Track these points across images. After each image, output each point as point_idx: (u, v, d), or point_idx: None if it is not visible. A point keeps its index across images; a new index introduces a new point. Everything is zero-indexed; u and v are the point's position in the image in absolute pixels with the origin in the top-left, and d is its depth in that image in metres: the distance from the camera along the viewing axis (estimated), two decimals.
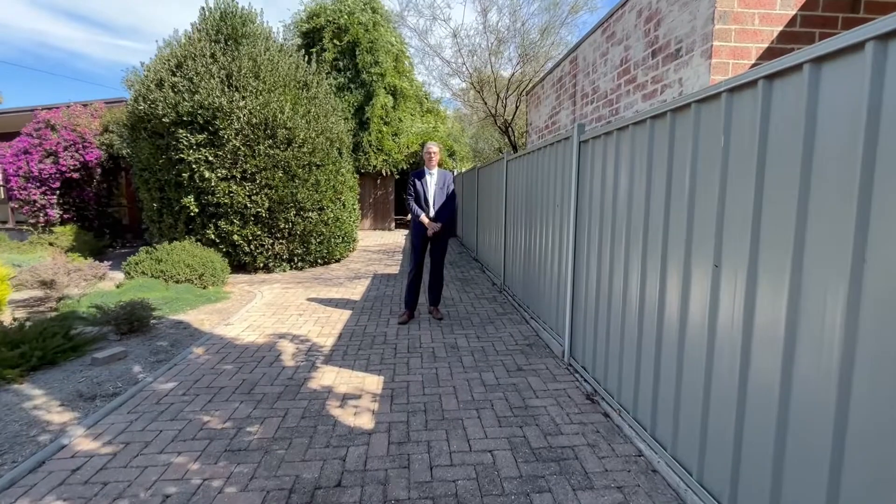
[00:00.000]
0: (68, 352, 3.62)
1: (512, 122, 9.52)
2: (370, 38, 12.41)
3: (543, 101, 5.96)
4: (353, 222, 8.93)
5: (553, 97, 5.59)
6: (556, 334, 3.90)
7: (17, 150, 10.10)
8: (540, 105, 6.13)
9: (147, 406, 2.86)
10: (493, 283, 6.57)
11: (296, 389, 3.12)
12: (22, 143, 10.08)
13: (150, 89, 6.93)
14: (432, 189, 4.67)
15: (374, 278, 6.99)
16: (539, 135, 6.15)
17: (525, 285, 4.95)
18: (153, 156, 7.12)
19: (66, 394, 3.01)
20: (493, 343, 4.08)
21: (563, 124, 5.44)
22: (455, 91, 10.78)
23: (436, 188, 4.67)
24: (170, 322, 4.59)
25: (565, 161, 3.65)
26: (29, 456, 2.31)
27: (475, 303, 5.51)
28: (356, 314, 4.99)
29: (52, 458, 2.30)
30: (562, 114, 5.40)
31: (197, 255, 6.09)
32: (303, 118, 7.33)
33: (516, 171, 5.30)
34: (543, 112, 6.03)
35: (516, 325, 4.60)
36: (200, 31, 7.36)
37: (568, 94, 5.15)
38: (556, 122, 5.51)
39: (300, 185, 7.25)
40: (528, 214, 4.77)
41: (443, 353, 3.83)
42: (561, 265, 3.77)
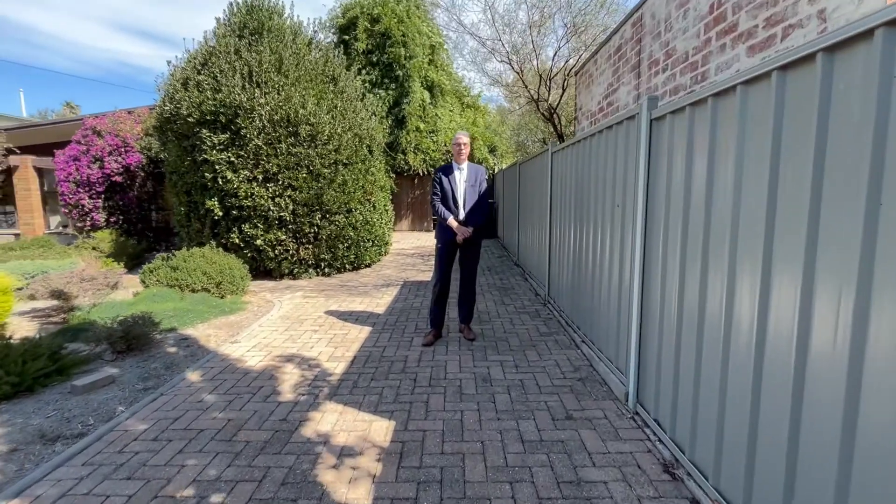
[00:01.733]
0: (53, 375, 3.24)
1: (558, 109, 8.54)
2: (403, 30, 11.85)
3: (596, 80, 5.06)
4: (385, 225, 8.38)
5: (609, 72, 4.70)
6: (616, 368, 3.07)
7: (67, 156, 10.42)
8: (592, 85, 5.24)
9: (107, 456, 2.35)
10: (536, 294, 5.76)
11: (286, 436, 2.51)
12: (72, 150, 10.38)
13: (177, 89, 6.69)
14: (462, 186, 3.95)
15: (403, 286, 6.37)
16: (591, 120, 5.28)
17: (574, 299, 4.13)
18: (180, 158, 6.90)
19: (27, 434, 2.58)
20: (534, 375, 3.31)
21: (624, 103, 4.54)
22: (493, 76, 9.90)
23: (466, 185, 3.95)
24: (174, 338, 4.18)
25: (629, 146, 2.82)
26: None
27: (514, 319, 4.73)
28: (376, 331, 4.37)
29: None
30: (620, 91, 4.50)
31: (216, 261, 5.73)
32: (328, 113, 6.85)
33: (563, 164, 4.48)
34: (596, 92, 5.14)
35: (563, 350, 3.80)
36: (226, 27, 7.07)
37: (629, 65, 4.25)
38: (612, 101, 4.62)
39: (325, 186, 6.77)
40: (578, 214, 3.95)
41: (472, 387, 3.11)
42: (623, 278, 2.94)
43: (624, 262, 2.92)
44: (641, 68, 4.12)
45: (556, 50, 7.59)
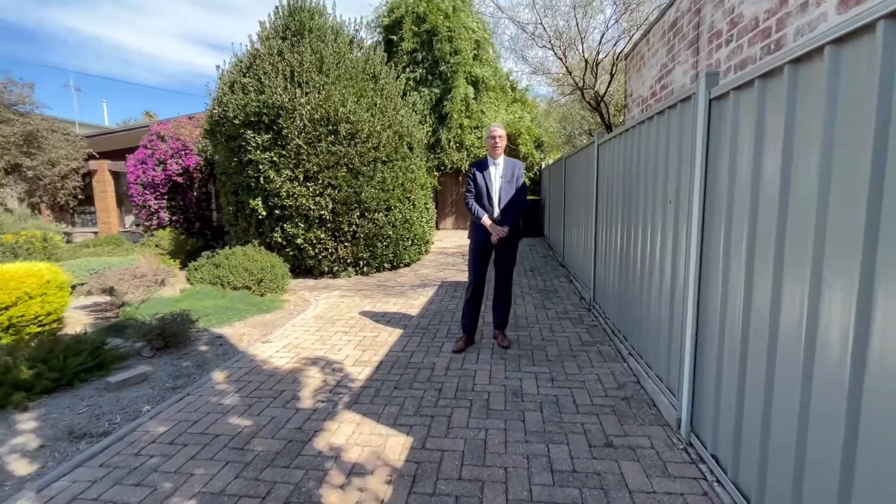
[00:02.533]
0: (93, 371, 3.35)
1: (605, 97, 7.93)
2: (449, 26, 11.63)
3: (648, 62, 4.55)
4: (426, 223, 8.23)
5: (663, 52, 4.19)
6: (666, 388, 2.68)
7: (136, 160, 11.21)
8: (643, 68, 4.74)
9: (123, 458, 2.33)
10: (580, 298, 5.35)
11: (297, 448, 2.38)
12: (140, 154, 11.15)
13: (224, 92, 6.91)
14: (497, 183, 3.66)
15: (440, 287, 6.18)
16: (642, 107, 4.79)
17: (620, 305, 3.72)
18: (227, 159, 7.13)
19: (58, 429, 2.63)
20: (572, 391, 2.98)
21: (679, 85, 4.02)
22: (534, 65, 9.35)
23: (502, 181, 3.66)
24: (210, 336, 4.24)
25: (683, 133, 2.43)
26: None
27: (555, 325, 4.38)
28: (407, 335, 4.20)
29: None
30: (676, 72, 3.98)
31: (257, 259, 5.83)
32: (367, 111, 6.78)
33: (610, 156, 4.07)
34: (648, 76, 4.64)
35: (607, 363, 3.42)
36: (270, 29, 7.21)
37: (686, 41, 3.73)
38: (667, 84, 4.13)
39: (364, 184, 6.71)
40: (626, 210, 3.55)
41: (500, 402, 2.84)
42: (676, 283, 2.55)
43: (677, 266, 2.53)
44: (700, 43, 3.61)
45: (604, 31, 7.02)
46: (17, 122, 11.04)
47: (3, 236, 7.80)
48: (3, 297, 3.77)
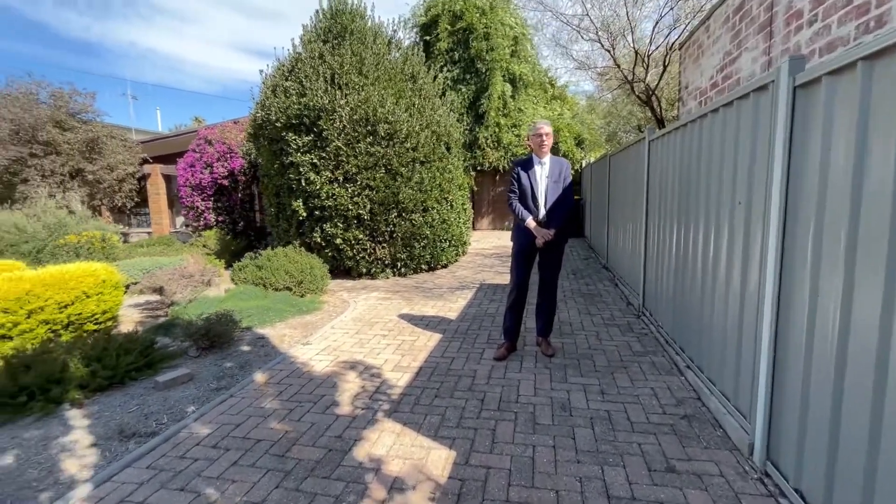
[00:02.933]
0: (143, 369, 3.44)
1: (657, 90, 7.50)
2: (485, 23, 11.45)
3: (708, 50, 4.21)
4: (463, 224, 8.10)
5: (726, 38, 3.85)
6: (734, 408, 2.43)
7: (185, 163, 11.73)
8: (702, 57, 4.39)
9: (168, 461, 2.34)
10: (627, 303, 5.07)
11: (338, 458, 2.32)
12: (188, 158, 11.66)
13: (267, 95, 7.06)
14: (543, 183, 3.47)
15: (479, 290, 6.04)
16: (700, 100, 4.45)
17: (677, 313, 3.46)
18: (270, 161, 7.29)
19: (109, 428, 2.70)
20: (625, 406, 2.77)
21: (747, 74, 3.66)
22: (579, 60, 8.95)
23: (548, 181, 3.46)
24: (252, 336, 4.29)
25: (758, 126, 2.18)
26: None
27: (602, 332, 4.15)
28: (446, 339, 4.09)
29: None
30: (742, 60, 3.62)
31: (297, 261, 5.90)
32: (405, 111, 6.74)
33: (663, 153, 3.80)
34: (708, 65, 4.29)
35: (662, 376, 3.17)
36: (311, 33, 7.30)
37: (756, 24, 3.38)
38: (730, 74, 3.78)
39: (402, 185, 6.67)
40: (683, 211, 3.28)
41: (547, 416, 2.68)
42: (747, 291, 2.30)
43: (748, 272, 2.28)
44: (775, 26, 3.27)
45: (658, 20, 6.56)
46: (80, 130, 11.80)
47: (67, 237, 8.32)
48: (63, 296, 3.96)
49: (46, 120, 11.19)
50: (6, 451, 2.46)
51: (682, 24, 6.07)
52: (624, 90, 9.26)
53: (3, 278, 3.86)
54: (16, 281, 3.84)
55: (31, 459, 2.38)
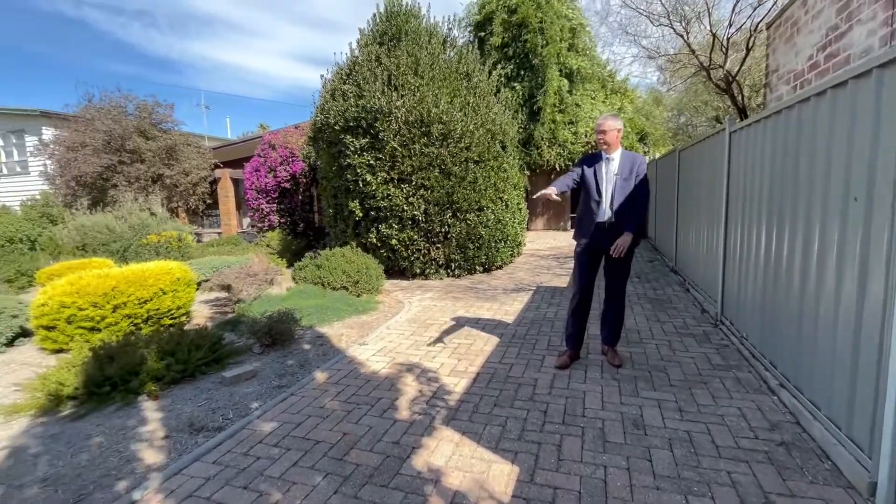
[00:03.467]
0: (211, 364, 3.59)
1: (737, 77, 6.83)
2: (540, 16, 11.11)
3: (805, 27, 3.72)
4: (518, 224, 7.89)
5: (831, 10, 3.36)
6: (847, 437, 2.09)
7: (251, 168, 12.41)
8: (796, 35, 3.90)
9: (233, 457, 2.39)
10: (702, 310, 4.64)
11: (396, 465, 2.25)
12: (254, 162, 12.32)
13: (326, 100, 7.25)
14: (611, 181, 3.17)
15: (536, 292, 5.82)
16: (794, 84, 3.95)
17: (766, 323, 3.08)
18: (328, 164, 7.48)
19: (180, 421, 2.81)
20: (708, 427, 2.48)
21: (861, 49, 3.15)
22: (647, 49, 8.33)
23: (617, 179, 3.15)
24: (312, 335, 4.38)
25: (880, 109, 1.85)
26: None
27: (674, 342, 3.81)
28: (503, 344, 3.94)
29: None
30: (854, 34, 3.12)
31: (354, 261, 5.99)
32: (460, 110, 6.65)
33: (749, 145, 3.42)
34: (805, 44, 3.80)
35: (750, 395, 2.83)
36: (368, 36, 7.41)
37: None
38: (836, 52, 3.30)
39: (456, 185, 6.59)
40: (775, 209, 2.92)
41: (618, 434, 2.46)
42: (865, 303, 1.96)
43: (869, 280, 1.94)
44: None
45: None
46: (160, 138, 12.83)
47: (149, 237, 9.05)
48: (144, 292, 4.24)
49: (133, 130, 12.27)
50: (92, 438, 2.62)
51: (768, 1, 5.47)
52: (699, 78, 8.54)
53: (94, 275, 4.20)
54: (104, 278, 4.17)
55: (112, 448, 2.52)
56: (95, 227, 9.64)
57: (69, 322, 3.93)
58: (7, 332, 4.25)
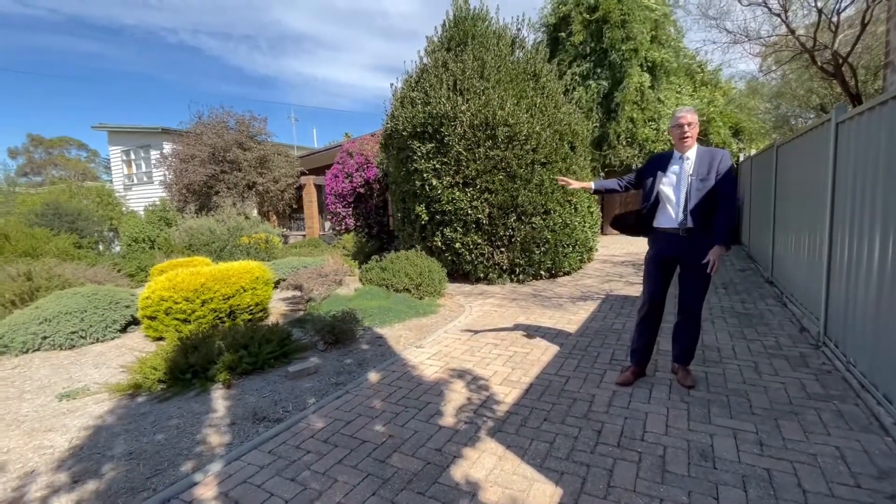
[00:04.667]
0: (279, 358, 3.85)
1: (848, 58, 5.84)
2: (623, 10, 10.48)
3: None
4: (589, 228, 7.50)
5: None
6: None
7: (331, 174, 13.22)
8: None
9: (286, 449, 2.53)
10: (801, 329, 4.04)
11: (435, 473, 2.22)
12: (333, 169, 13.11)
13: (396, 107, 7.49)
14: (685, 182, 2.84)
15: (604, 301, 5.47)
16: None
17: (882, 347, 2.59)
18: (397, 169, 7.71)
19: (247, 409, 3.04)
20: (794, 466, 2.13)
21: None
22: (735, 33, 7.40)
23: (693, 180, 2.81)
24: (371, 336, 4.52)
25: None
26: (161, 489, 2.23)
27: (762, 364, 3.35)
28: (562, 355, 3.74)
29: (175, 497, 2.14)
30: None
31: (417, 264, 6.10)
32: (526, 111, 6.49)
33: (862, 137, 2.91)
34: None
35: (854, 431, 2.39)
36: (436, 43, 7.53)
37: None
38: None
39: (521, 187, 6.44)
40: (893, 210, 2.43)
41: (682, 464, 2.20)
42: None
43: None
44: None
45: None
46: (255, 149, 14.17)
47: (241, 238, 10.02)
48: (227, 289, 4.68)
49: (233, 143, 13.69)
50: (172, 419, 2.93)
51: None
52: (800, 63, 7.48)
53: (188, 273, 4.71)
54: (195, 275, 4.66)
55: (187, 430, 2.80)
56: (200, 230, 10.88)
57: (167, 314, 4.45)
58: (121, 320, 4.93)
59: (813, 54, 5.83)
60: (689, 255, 2.87)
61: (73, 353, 4.42)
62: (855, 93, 5.69)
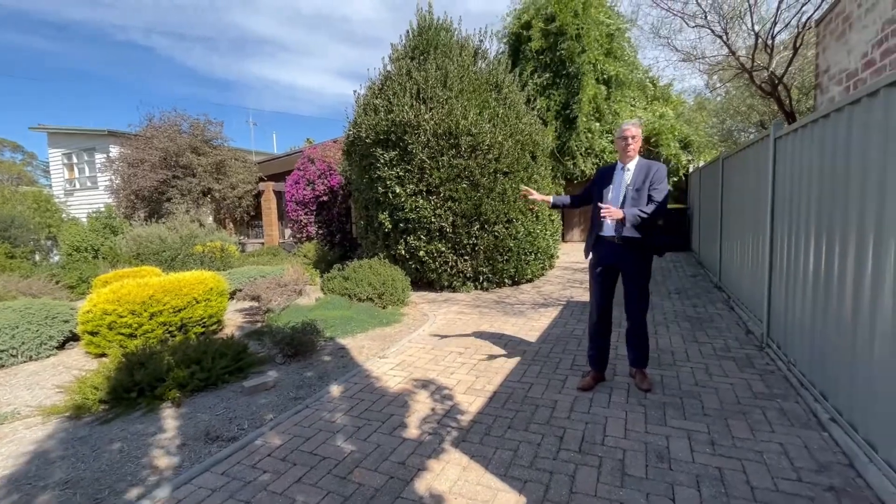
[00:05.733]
0: (234, 373, 3.68)
1: (783, 79, 6.33)
2: (578, 23, 10.88)
3: (858, 22, 3.37)
4: (550, 237, 7.67)
5: (887, 2, 3.02)
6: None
7: (292, 181, 12.89)
8: (849, 32, 3.54)
9: (241, 469, 2.40)
10: (747, 331, 4.28)
11: (398, 488, 2.17)
12: (294, 175, 12.79)
13: (359, 114, 7.41)
14: (621, 192, 3.01)
15: (565, 308, 5.59)
16: (848, 84, 3.59)
17: (817, 348, 2.77)
18: (360, 176, 7.61)
19: (198, 429, 2.87)
20: (743, 464, 2.24)
21: None
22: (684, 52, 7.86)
23: (629, 190, 2.98)
24: (333, 347, 4.40)
25: None
26: None
27: (712, 366, 3.52)
28: (525, 362, 3.78)
29: None
30: None
31: (380, 272, 6.02)
32: (489, 122, 6.59)
33: (797, 152, 3.13)
34: (859, 41, 3.44)
35: (795, 428, 2.54)
36: (400, 51, 7.54)
37: None
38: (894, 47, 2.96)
39: (484, 196, 6.51)
40: (826, 219, 2.63)
41: (640, 466, 2.26)
42: None
43: None
44: None
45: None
46: (211, 154, 13.61)
47: (195, 247, 9.56)
48: (178, 301, 4.43)
49: (186, 147, 13.09)
50: (114, 443, 2.73)
51: None
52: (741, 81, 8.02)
53: (134, 284, 4.43)
54: (143, 287, 4.39)
55: (131, 454, 2.61)
56: (149, 238, 10.29)
57: (110, 328, 4.16)
58: (58, 336, 4.56)
59: (752, 74, 6.29)
60: (625, 263, 3.04)
61: (2, 374, 4.04)
62: (790, 111, 6.17)
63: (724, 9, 6.31)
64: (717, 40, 6.71)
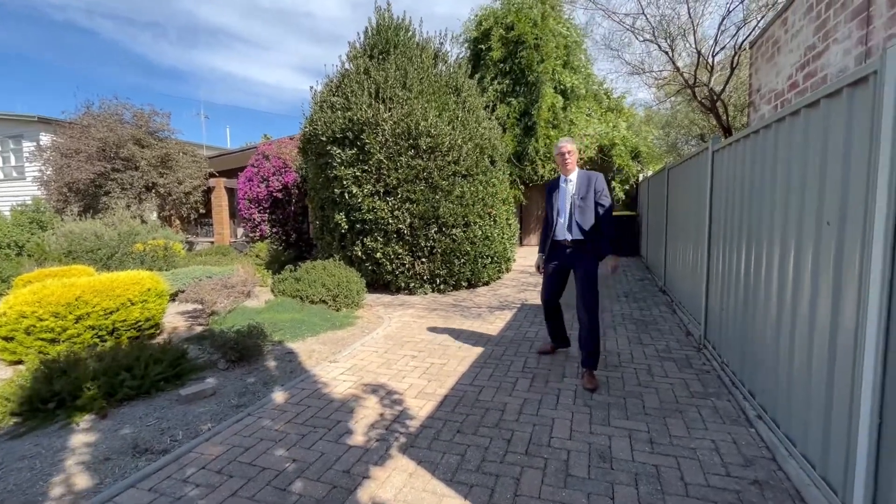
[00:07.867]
0: (171, 380, 3.45)
1: (722, 96, 6.79)
2: (536, 34, 11.15)
3: (786, 46, 3.66)
4: (507, 240, 7.78)
5: (809, 30, 3.31)
6: (821, 479, 1.94)
7: (245, 178, 12.36)
8: (777, 55, 3.84)
9: (170, 484, 2.24)
10: (687, 333, 4.50)
11: (341, 497, 2.10)
12: (248, 172, 12.27)
13: (315, 111, 7.21)
14: (568, 202, 3.38)
15: (520, 310, 5.68)
16: (776, 103, 3.89)
17: (745, 350, 2.95)
18: (316, 175, 7.41)
19: (125, 442, 2.66)
20: (678, 461, 2.33)
21: (838, 69, 3.09)
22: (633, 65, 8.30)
23: (575, 199, 3.34)
24: (281, 351, 4.23)
25: (851, 129, 1.75)
26: None
27: (654, 366, 3.67)
28: (478, 365, 3.79)
29: None
30: (831, 53, 3.06)
31: (335, 274, 5.87)
32: (448, 124, 6.60)
33: (730, 165, 3.33)
34: (785, 63, 3.74)
35: (726, 426, 2.68)
36: (358, 49, 7.41)
37: (849, 10, 2.82)
38: (815, 71, 3.23)
39: (442, 199, 6.50)
40: (754, 230, 2.81)
41: (583, 467, 2.31)
42: (837, 333, 1.84)
43: (841, 309, 1.83)
44: (874, 9, 2.72)
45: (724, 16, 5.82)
46: (156, 147, 12.82)
47: (135, 245, 8.95)
48: (109, 303, 4.11)
49: (128, 138, 12.26)
50: (24, 459, 2.48)
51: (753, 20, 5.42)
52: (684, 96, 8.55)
53: (59, 284, 4.07)
54: (69, 287, 4.04)
55: (45, 471, 2.37)
56: (83, 234, 9.53)
57: (28, 333, 3.79)
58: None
59: (693, 90, 6.71)
60: (576, 265, 3.36)
61: None
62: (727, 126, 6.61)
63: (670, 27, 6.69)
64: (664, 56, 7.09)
